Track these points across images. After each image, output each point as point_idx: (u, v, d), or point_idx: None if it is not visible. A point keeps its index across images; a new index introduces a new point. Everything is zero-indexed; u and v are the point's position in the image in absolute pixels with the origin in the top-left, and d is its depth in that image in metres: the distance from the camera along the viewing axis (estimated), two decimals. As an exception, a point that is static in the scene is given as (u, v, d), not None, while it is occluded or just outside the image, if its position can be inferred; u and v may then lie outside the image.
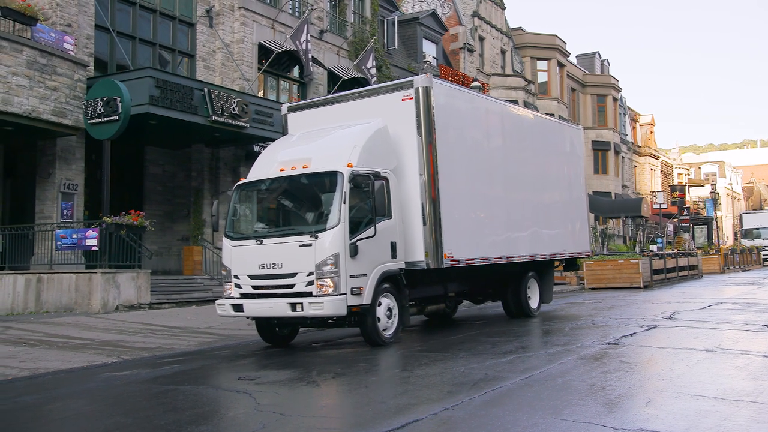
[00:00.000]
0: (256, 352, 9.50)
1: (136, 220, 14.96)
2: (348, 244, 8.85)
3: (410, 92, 10.16)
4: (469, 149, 11.28)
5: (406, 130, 10.10)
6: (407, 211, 9.88)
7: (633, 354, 8.14)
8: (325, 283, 8.72)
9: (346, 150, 9.52)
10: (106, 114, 15.02)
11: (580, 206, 14.84)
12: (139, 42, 19.18)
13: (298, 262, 8.92)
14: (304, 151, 9.98)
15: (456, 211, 10.52)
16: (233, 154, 21.40)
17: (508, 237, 12.02)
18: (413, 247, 9.89)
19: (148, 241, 19.08)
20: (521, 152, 12.83)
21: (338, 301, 8.68)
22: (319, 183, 9.53)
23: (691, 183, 71.05)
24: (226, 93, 18.05)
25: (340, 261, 8.74)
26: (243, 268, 9.40)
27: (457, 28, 35.19)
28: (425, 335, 11.04)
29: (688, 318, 12.08)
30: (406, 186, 9.92)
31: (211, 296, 17.02)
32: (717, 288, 21.52)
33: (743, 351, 8.24)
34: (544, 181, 13.60)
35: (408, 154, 10.05)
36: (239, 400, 6.29)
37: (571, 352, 8.29)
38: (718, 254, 36.66)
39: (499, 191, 12.05)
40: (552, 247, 13.46)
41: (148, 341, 10.38)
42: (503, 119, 12.54)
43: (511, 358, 7.98)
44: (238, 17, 21.69)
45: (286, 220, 10.12)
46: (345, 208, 8.92)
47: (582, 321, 12.16)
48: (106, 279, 14.25)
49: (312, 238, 8.86)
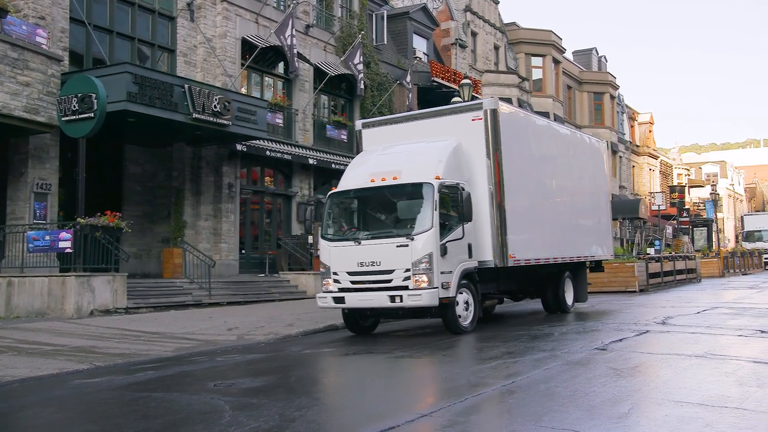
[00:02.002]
0: (234, 358, 9.55)
1: (112, 221, 14.95)
2: (439, 245, 10.76)
3: (479, 113, 12.16)
4: (526, 162, 13.31)
5: (476, 146, 12.05)
6: (477, 217, 11.66)
7: (621, 360, 8.24)
8: (421, 278, 10.60)
9: (432, 164, 11.37)
10: (80, 111, 15.01)
11: (605, 213, 17.08)
12: (116, 36, 19.16)
13: (396, 260, 10.78)
14: (392, 164, 11.79)
15: (517, 217, 12.42)
16: (216, 153, 21.42)
17: (553, 240, 14.12)
18: (483, 248, 11.88)
19: (126, 243, 19.10)
20: (561, 164, 14.97)
21: (433, 294, 10.60)
22: (411, 192, 11.39)
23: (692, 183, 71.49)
24: (208, 89, 18.07)
25: (433, 259, 10.65)
26: (342, 266, 11.25)
27: (448, 23, 35.33)
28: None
29: (681, 323, 12.21)
30: (476, 195, 11.69)
31: (191, 300, 17.05)
32: (714, 292, 21.72)
33: (733, 356, 8.36)
34: (578, 189, 15.67)
35: (477, 167, 12.02)
36: (212, 407, 6.34)
37: (557, 358, 8.39)
38: (717, 257, 36.94)
39: (547, 199, 14.17)
40: (585, 249, 15.69)
41: (123, 347, 10.39)
42: (548, 135, 14.78)
43: (495, 364, 8.06)
44: (221, 11, 21.71)
45: (381, 224, 11.88)
46: (436, 214, 10.81)
47: (572, 326, 12.29)
48: (81, 283, 14.24)
49: (409, 239, 10.77)
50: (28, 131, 15.99)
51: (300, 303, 18.22)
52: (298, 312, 15.31)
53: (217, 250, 21.07)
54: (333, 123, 26.74)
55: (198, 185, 20.95)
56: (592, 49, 53.22)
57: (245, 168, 22.83)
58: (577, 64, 50.05)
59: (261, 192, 23.65)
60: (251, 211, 23.38)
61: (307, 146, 24.65)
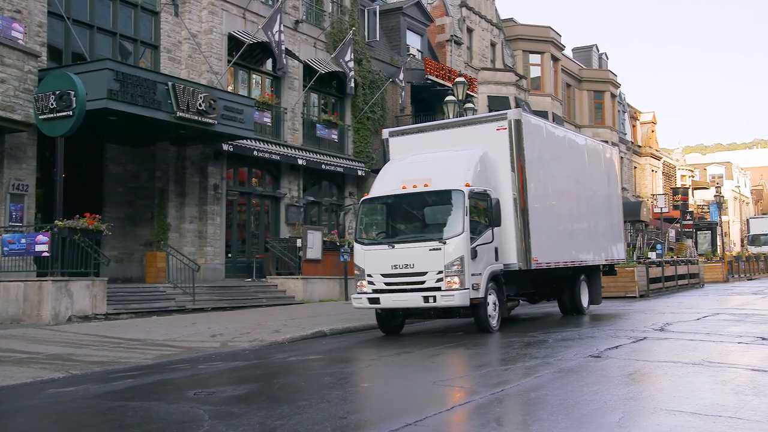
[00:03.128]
0: (216, 366, 9.55)
1: (92, 223, 14.94)
2: (469, 248, 11.80)
3: (504, 123, 13.22)
4: (546, 170, 14.37)
5: (500, 154, 13.12)
6: (503, 222, 12.51)
7: (615, 367, 8.29)
8: (453, 280, 11.65)
9: (462, 172, 12.43)
10: (58, 109, 15.00)
11: (618, 218, 18.28)
12: (97, 31, 19.16)
13: (429, 263, 11.80)
14: (423, 172, 12.74)
15: (539, 222, 13.48)
16: (201, 152, 21.43)
17: (572, 244, 15.28)
18: (508, 252, 12.94)
19: (107, 247, 19.08)
20: (578, 172, 16.04)
21: (464, 294, 11.66)
22: (442, 199, 12.45)
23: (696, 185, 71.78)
24: (193, 87, 18.08)
25: (464, 262, 11.70)
26: (376, 268, 12.26)
27: (443, 18, 35.41)
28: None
29: (680, 330, 12.28)
30: (501, 201, 12.55)
31: (174, 306, 17.04)
32: (717, 298, 21.82)
33: (731, 364, 8.42)
34: (593, 196, 16.75)
35: (502, 175, 13.09)
36: (191, 416, 6.35)
37: (550, 365, 8.43)
38: (721, 262, 37.10)
39: (565, 205, 15.29)
40: (600, 253, 16.79)
41: (101, 354, 10.39)
42: (566, 143, 15.80)
43: (485, 372, 8.10)
44: (206, 5, 21.73)
45: (413, 229, 13.01)
46: (467, 219, 11.86)
47: (567, 332, 12.34)
48: (58, 288, 14.22)
49: (441, 243, 11.81)
50: (4, 130, 15.96)
51: (288, 308, 18.23)
52: (285, 318, 15.32)
53: (202, 253, 21.06)
54: (323, 122, 26.78)
55: (182, 186, 20.95)
56: (593, 45, 53.46)
57: (232, 168, 22.84)
58: (576, 61, 50.23)
59: (248, 193, 23.67)
60: (238, 214, 23.39)
61: (297, 146, 24.68)
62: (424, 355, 10.18)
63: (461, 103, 21.42)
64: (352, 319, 14.91)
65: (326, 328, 13.51)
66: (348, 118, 27.79)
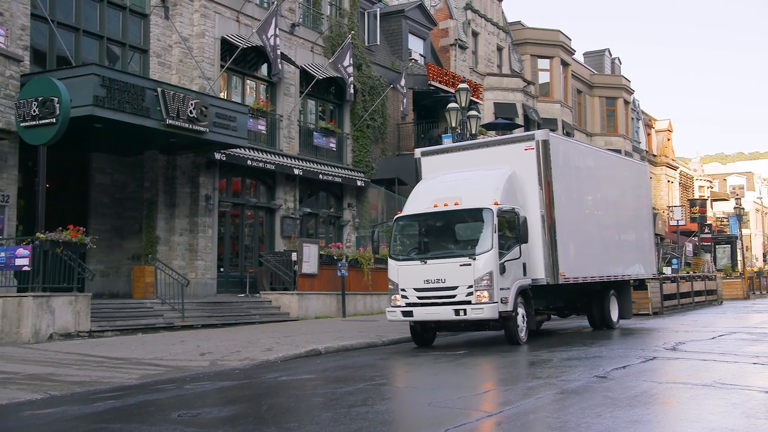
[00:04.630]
0: (204, 386, 9.56)
1: (75, 236, 14.99)
2: (498, 264, 12.97)
3: (532, 143, 14.45)
4: (573, 187, 15.52)
5: (528, 173, 14.32)
6: (530, 238, 13.64)
7: (620, 389, 8.29)
8: (482, 294, 12.85)
9: (491, 191, 13.65)
10: (41, 116, 15.08)
11: (648, 233, 19.31)
12: (83, 34, 19.29)
13: (459, 278, 13.04)
14: (453, 190, 14.00)
15: (566, 238, 14.63)
16: (192, 162, 21.51)
17: (600, 259, 16.36)
18: (535, 267, 14.08)
19: (93, 260, 19.13)
20: (606, 187, 17.23)
21: (493, 308, 12.84)
22: (472, 217, 13.67)
23: (715, 197, 71.72)
24: (183, 93, 18.17)
25: (493, 277, 12.89)
26: (409, 283, 13.55)
27: (447, 22, 35.59)
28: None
29: (693, 349, 12.28)
30: (529, 218, 13.72)
31: (162, 323, 17.06)
32: (735, 316, 21.80)
33: (745, 386, 8.41)
34: (622, 211, 17.92)
35: (530, 193, 14.29)
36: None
37: (552, 386, 8.44)
38: (741, 278, 37.06)
39: (593, 221, 16.43)
40: (629, 268, 17.89)
41: (83, 374, 10.41)
42: (595, 160, 17.02)
43: (483, 393, 8.11)
44: (198, 8, 21.89)
45: (444, 245, 14.12)
46: (495, 236, 13.05)
47: (574, 351, 12.37)
48: (39, 304, 14.25)
49: (471, 259, 13.02)
50: (-16, 137, 16.05)
51: (282, 326, 18.24)
52: (279, 336, 15.34)
53: (192, 267, 21.10)
54: (321, 130, 26.88)
55: (172, 197, 21.02)
56: (605, 50, 53.62)
57: (224, 178, 22.92)
58: (587, 66, 50.38)
59: (241, 204, 23.73)
60: (231, 226, 23.44)
61: (293, 155, 24.77)
62: (425, 374, 10.20)
63: (464, 111, 21.50)
64: (348, 337, 14.95)
65: (321, 346, 13.52)
66: (347, 126, 27.89)
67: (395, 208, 26.13)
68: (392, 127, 29.79)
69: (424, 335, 14.41)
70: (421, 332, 14.38)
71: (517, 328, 13.41)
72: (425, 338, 14.44)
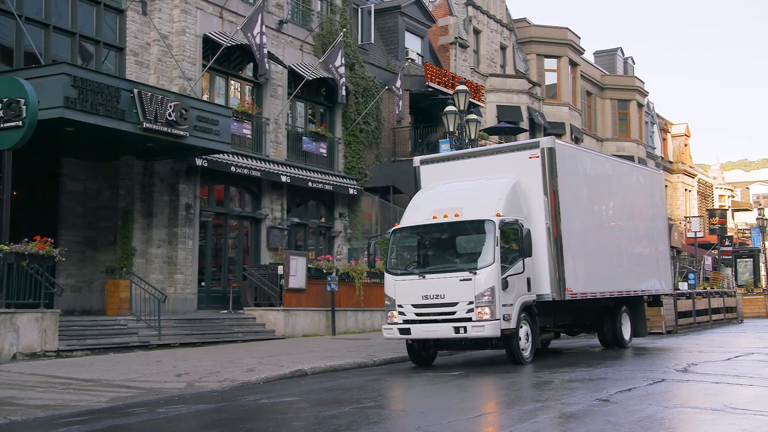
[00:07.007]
0: (178, 409, 9.56)
1: (43, 248, 14.99)
2: (500, 278, 13.03)
3: (536, 151, 14.47)
4: (581, 197, 15.56)
5: (533, 183, 14.36)
6: (535, 251, 13.75)
7: (623, 413, 8.31)
8: (483, 311, 12.91)
9: (493, 202, 13.69)
10: (6, 119, 15.09)
11: (664, 246, 19.34)
12: (53, 31, 19.31)
13: (459, 293, 13.12)
14: (453, 201, 14.07)
15: (573, 251, 14.64)
16: (171, 168, 21.55)
17: (610, 274, 16.39)
18: (540, 282, 14.13)
19: (64, 274, 19.14)
20: (618, 198, 17.33)
21: (495, 325, 12.89)
22: (473, 229, 13.73)
23: (736, 207, 71.89)
24: (162, 95, 18.21)
25: (495, 292, 12.95)
26: (407, 299, 13.62)
27: (447, 18, 35.75)
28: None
29: (706, 371, 12.31)
30: (533, 230, 13.81)
31: (137, 341, 17.05)
32: (755, 335, 21.84)
33: (757, 411, 8.43)
34: (636, 223, 17.92)
35: (534, 203, 14.30)
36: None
37: (550, 410, 8.48)
38: (764, 294, 37.11)
39: (603, 233, 16.41)
40: (642, 284, 17.88)
41: (48, 398, 10.40)
42: (605, 168, 17.16)
43: (475, 416, 8.11)
44: (179, 3, 21.98)
45: (443, 259, 14.22)
46: (497, 249, 13.12)
47: (578, 372, 12.40)
48: (1, 321, 14.20)
49: (472, 273, 13.07)
50: (-55, 141, 16.04)
51: (266, 344, 18.25)
52: (262, 355, 15.35)
53: (171, 282, 21.10)
54: (310, 134, 26.95)
55: (150, 206, 21.04)
56: (617, 49, 53.85)
57: (206, 186, 22.95)
58: (598, 66, 50.59)
59: (225, 214, 23.76)
60: (213, 237, 23.46)
61: (280, 161, 24.82)
62: (416, 396, 10.21)
63: (463, 114, 21.58)
64: (337, 356, 14.97)
65: (307, 366, 13.53)
66: (338, 130, 27.97)
67: (390, 218, 26.20)
68: (387, 132, 29.87)
69: (422, 354, 14.49)
70: (419, 351, 14.45)
71: (520, 346, 13.44)
72: (424, 357, 14.52)
